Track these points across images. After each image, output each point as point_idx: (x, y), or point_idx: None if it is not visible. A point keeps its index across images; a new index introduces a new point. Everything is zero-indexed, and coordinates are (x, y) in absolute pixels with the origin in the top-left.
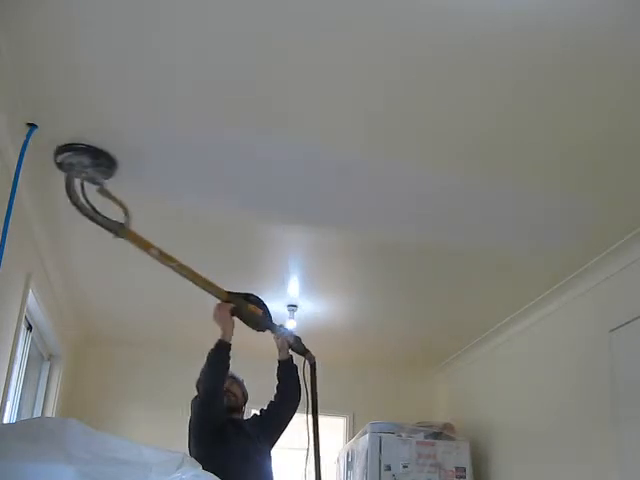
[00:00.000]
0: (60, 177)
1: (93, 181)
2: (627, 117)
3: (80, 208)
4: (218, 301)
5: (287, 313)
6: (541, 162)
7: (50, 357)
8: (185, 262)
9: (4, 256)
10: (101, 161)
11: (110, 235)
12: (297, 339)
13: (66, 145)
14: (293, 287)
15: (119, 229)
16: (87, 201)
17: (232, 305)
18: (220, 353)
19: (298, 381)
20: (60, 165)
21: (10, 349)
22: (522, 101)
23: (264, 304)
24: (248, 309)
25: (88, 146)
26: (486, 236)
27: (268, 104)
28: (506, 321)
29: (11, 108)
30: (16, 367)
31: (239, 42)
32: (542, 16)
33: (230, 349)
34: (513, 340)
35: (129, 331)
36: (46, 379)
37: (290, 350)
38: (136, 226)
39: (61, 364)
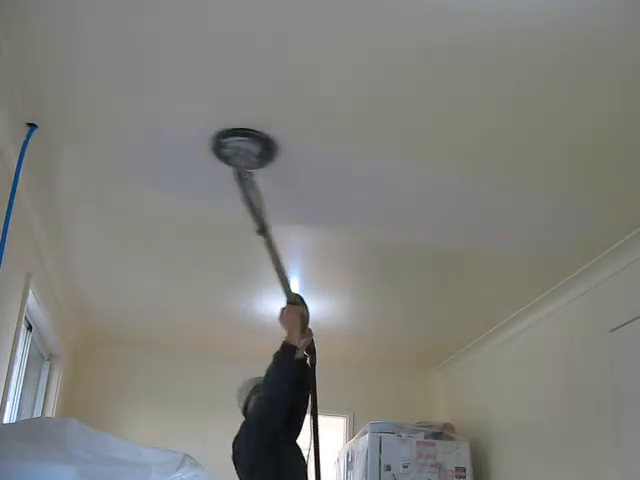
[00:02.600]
0: (60, 177)
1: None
2: (627, 117)
3: (248, 196)
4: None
5: None
6: (541, 162)
7: (50, 357)
8: (185, 262)
9: (4, 256)
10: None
11: (110, 235)
12: (312, 341)
13: (236, 130)
14: (293, 287)
15: (265, 229)
16: (254, 189)
17: (302, 308)
18: (291, 356)
19: (309, 381)
20: (223, 151)
21: (10, 349)
22: (522, 101)
23: (307, 306)
24: (305, 312)
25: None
26: (486, 236)
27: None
28: (506, 321)
29: (11, 108)
30: (16, 367)
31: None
32: (542, 16)
33: (296, 352)
34: (513, 340)
35: (129, 331)
36: (46, 379)
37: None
38: (134, 225)
39: (61, 364)
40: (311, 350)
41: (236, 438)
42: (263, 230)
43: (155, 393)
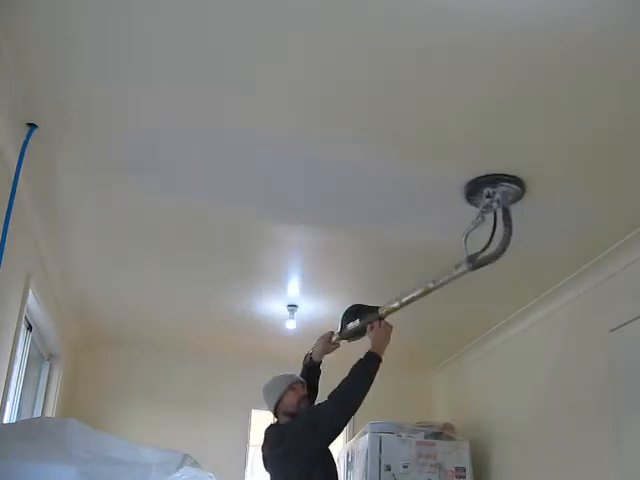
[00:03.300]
0: (60, 177)
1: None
2: (627, 117)
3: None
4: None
5: (287, 313)
6: (541, 162)
7: (50, 357)
8: (185, 262)
9: (4, 256)
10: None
11: (110, 235)
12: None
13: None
14: (293, 287)
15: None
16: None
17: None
18: (377, 369)
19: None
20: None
21: (10, 349)
22: (522, 101)
23: None
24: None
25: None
26: (486, 236)
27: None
28: (506, 321)
29: (11, 108)
30: (16, 367)
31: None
32: (542, 16)
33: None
34: (513, 340)
35: (129, 331)
36: (46, 379)
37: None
38: (134, 225)
39: (61, 364)
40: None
41: (270, 433)
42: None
43: (155, 393)
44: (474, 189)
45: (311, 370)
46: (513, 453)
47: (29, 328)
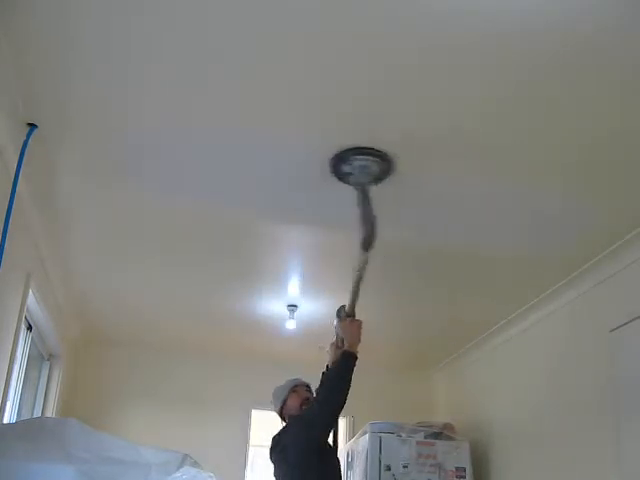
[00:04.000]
0: (60, 177)
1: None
2: (627, 117)
3: (368, 217)
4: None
5: (287, 313)
6: (541, 162)
7: (50, 357)
8: (186, 261)
9: (4, 256)
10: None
11: (110, 235)
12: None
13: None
14: (293, 287)
15: (370, 247)
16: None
17: (361, 322)
18: (352, 364)
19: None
20: (343, 170)
21: (10, 349)
22: (522, 101)
23: None
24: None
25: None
26: (486, 236)
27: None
28: (506, 321)
29: (11, 108)
30: (16, 367)
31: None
32: (542, 16)
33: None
34: (513, 340)
35: (129, 331)
36: (46, 379)
37: None
38: (134, 225)
39: (61, 364)
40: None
41: (276, 439)
42: (367, 249)
43: (155, 393)
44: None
45: None
46: (513, 453)
47: (29, 328)
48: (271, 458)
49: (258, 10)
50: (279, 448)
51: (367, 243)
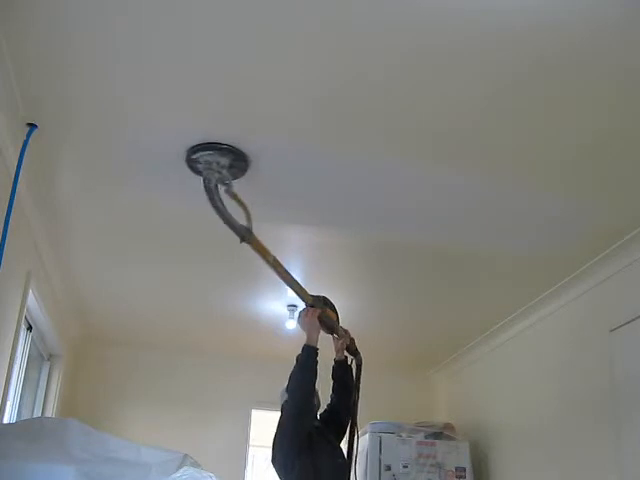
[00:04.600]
0: (60, 177)
1: (222, 182)
2: (627, 117)
3: (218, 209)
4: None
5: (287, 313)
6: (541, 162)
7: (50, 357)
8: (186, 261)
9: (4, 256)
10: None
11: (110, 235)
12: (353, 341)
13: (205, 144)
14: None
15: (246, 234)
16: (222, 202)
17: (320, 310)
18: (312, 358)
19: (352, 381)
20: (195, 164)
21: (10, 349)
22: (522, 101)
23: (335, 307)
24: (327, 314)
25: (229, 145)
26: (486, 236)
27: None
28: (506, 321)
29: (11, 108)
30: (16, 367)
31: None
32: (542, 16)
33: (318, 354)
34: (513, 340)
35: (129, 331)
36: (46, 379)
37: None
38: (134, 225)
39: (61, 364)
40: (352, 351)
41: (273, 439)
42: (244, 237)
43: (155, 393)
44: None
45: (336, 370)
46: (513, 453)
47: (29, 328)
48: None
49: (258, 10)
50: (272, 446)
51: (239, 235)
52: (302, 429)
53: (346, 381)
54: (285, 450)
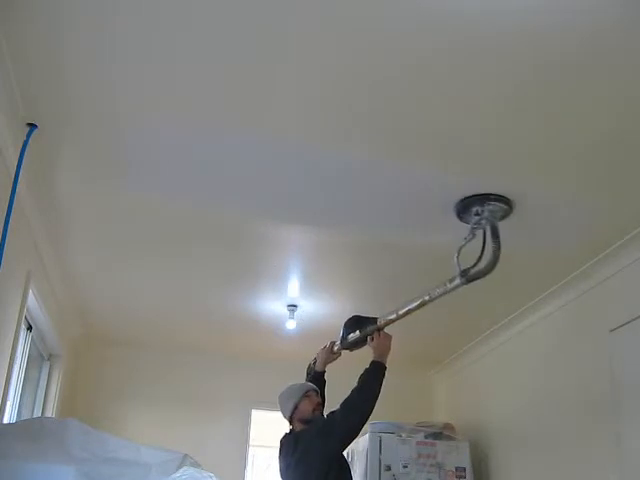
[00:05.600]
0: (60, 177)
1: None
2: (628, 117)
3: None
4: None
5: (287, 313)
6: (541, 162)
7: (50, 357)
8: (186, 261)
9: (4, 256)
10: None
11: (110, 235)
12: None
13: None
14: (293, 287)
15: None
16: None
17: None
18: (382, 377)
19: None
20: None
21: (10, 349)
22: (522, 101)
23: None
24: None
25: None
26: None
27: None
28: (506, 321)
29: (11, 108)
30: (16, 367)
31: None
32: (543, 16)
33: None
34: (513, 340)
35: (129, 331)
36: (46, 379)
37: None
38: (134, 225)
39: (61, 364)
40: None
41: (290, 440)
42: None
43: (155, 393)
44: (464, 208)
45: (315, 380)
46: (513, 453)
47: (29, 328)
48: (283, 459)
49: (258, 10)
50: (292, 450)
51: (474, 277)
52: (347, 442)
53: (324, 393)
54: (328, 454)
